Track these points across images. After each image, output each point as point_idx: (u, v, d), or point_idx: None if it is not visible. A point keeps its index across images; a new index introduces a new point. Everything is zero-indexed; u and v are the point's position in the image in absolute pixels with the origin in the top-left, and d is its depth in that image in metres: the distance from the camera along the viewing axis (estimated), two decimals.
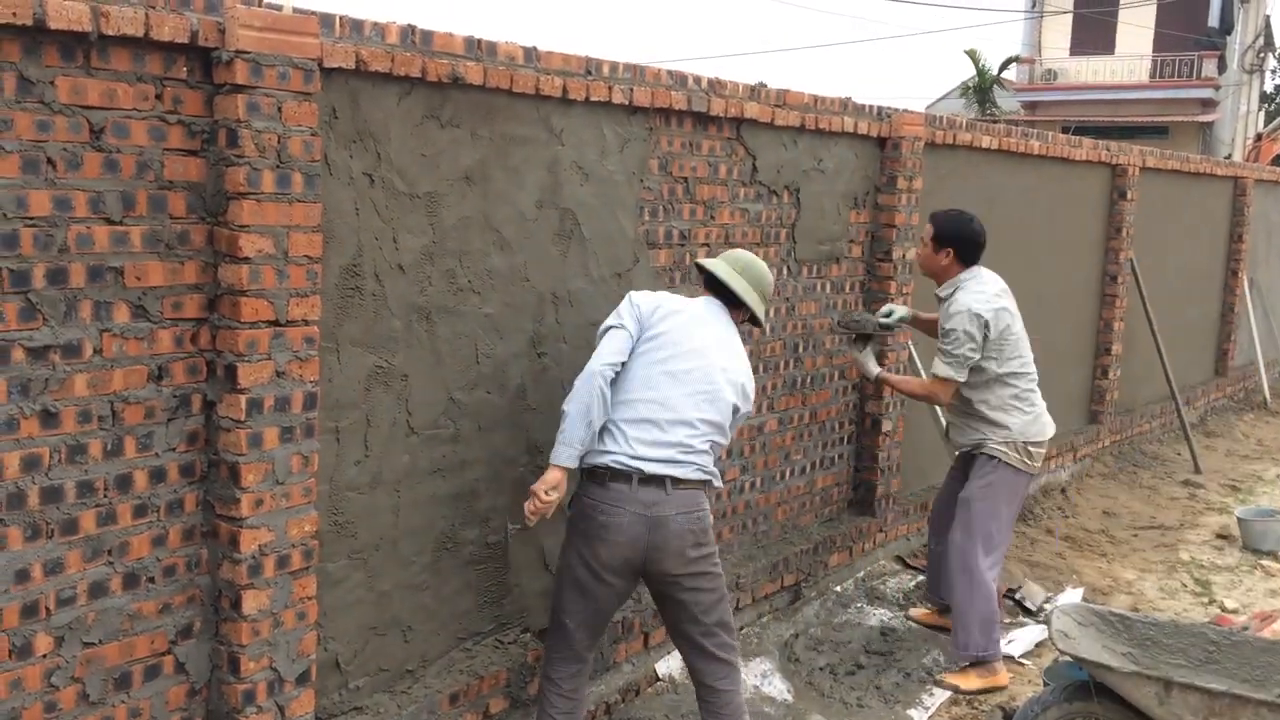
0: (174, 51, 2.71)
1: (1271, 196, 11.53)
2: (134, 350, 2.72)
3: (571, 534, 3.58)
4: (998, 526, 4.79)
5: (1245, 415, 10.53)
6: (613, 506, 3.44)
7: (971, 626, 4.69)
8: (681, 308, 3.64)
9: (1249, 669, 3.58)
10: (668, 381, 3.51)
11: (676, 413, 3.49)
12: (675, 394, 3.51)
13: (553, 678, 3.61)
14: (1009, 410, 4.78)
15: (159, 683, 2.88)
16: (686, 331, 3.58)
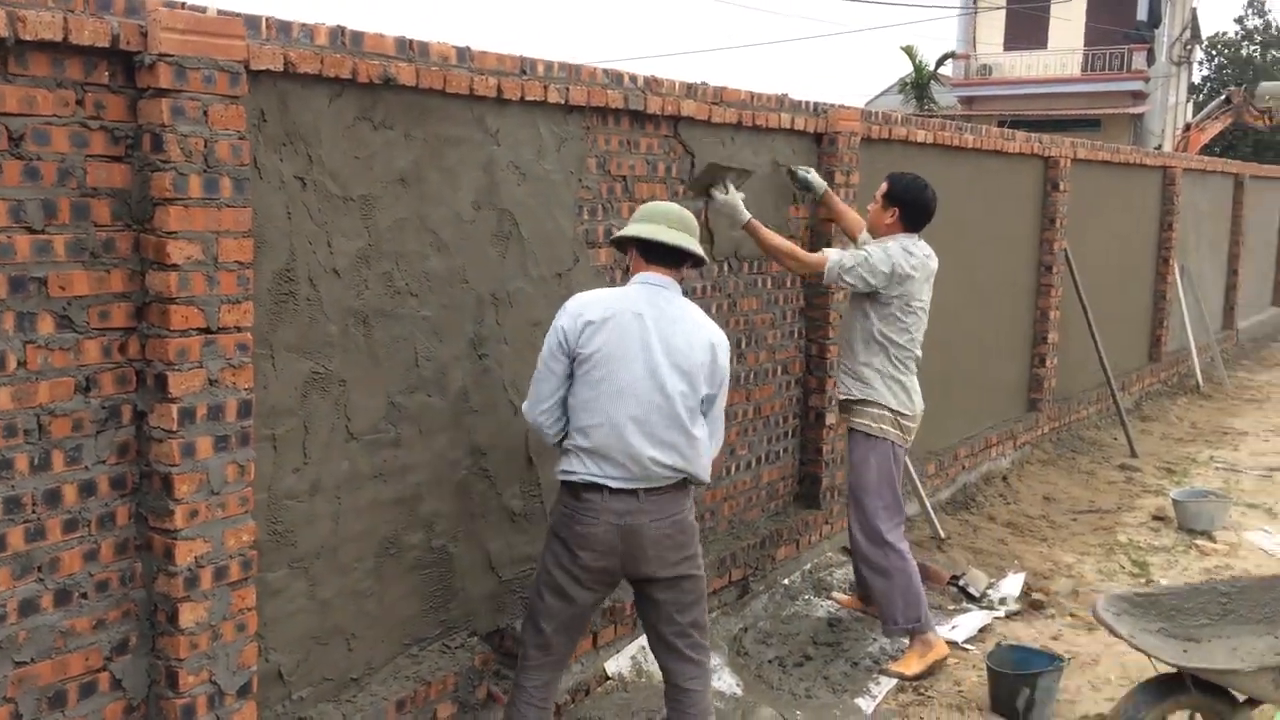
0: (95, 56, 2.65)
1: (1200, 186, 11.81)
2: (60, 362, 2.66)
3: (551, 541, 3.53)
4: (889, 497, 4.84)
5: (1179, 399, 10.77)
6: (587, 516, 3.41)
7: (895, 603, 4.77)
8: (610, 312, 3.41)
9: (1260, 609, 3.74)
10: (613, 402, 3.38)
11: (630, 432, 3.37)
12: (622, 414, 3.37)
13: (526, 686, 3.55)
14: (882, 381, 4.79)
15: (95, 700, 2.82)
16: (619, 343, 3.39)
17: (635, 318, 3.44)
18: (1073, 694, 4.57)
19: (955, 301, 7.08)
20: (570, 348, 3.41)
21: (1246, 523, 6.93)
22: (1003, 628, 5.22)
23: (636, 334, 3.42)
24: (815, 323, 5.59)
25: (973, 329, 7.35)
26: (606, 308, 3.44)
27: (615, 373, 3.39)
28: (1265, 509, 7.28)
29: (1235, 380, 12.00)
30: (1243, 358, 13.46)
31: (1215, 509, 6.76)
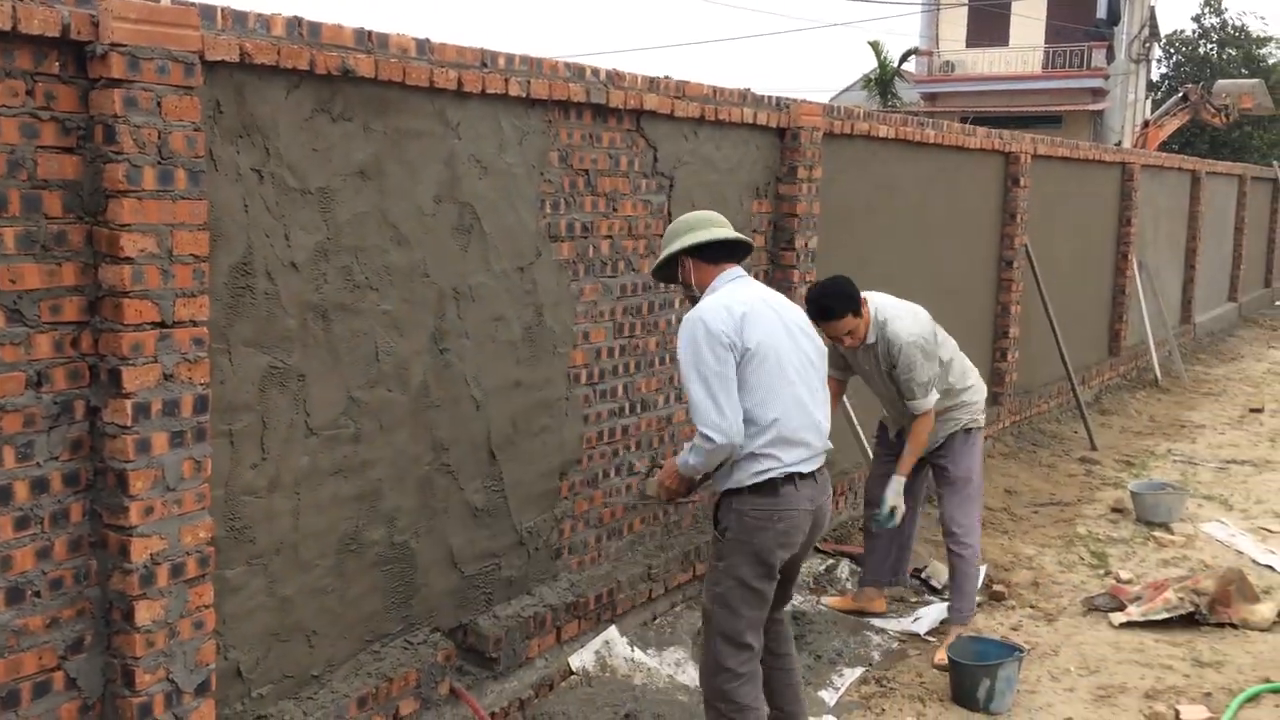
0: (45, 46, 2.61)
1: (1158, 182, 11.97)
2: (10, 356, 2.61)
3: (740, 552, 3.42)
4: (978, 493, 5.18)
5: (1138, 393, 10.91)
6: (788, 510, 3.42)
7: (971, 593, 5.05)
8: (745, 305, 3.41)
9: None
10: (786, 388, 3.41)
11: (804, 411, 3.46)
12: (792, 397, 3.41)
13: (750, 705, 3.46)
14: (967, 385, 5.02)
15: (49, 700, 2.78)
16: (769, 330, 3.41)
17: (762, 303, 3.48)
18: (1032, 684, 4.62)
19: (917, 296, 7.12)
20: (739, 345, 3.36)
21: (1203, 514, 7.03)
22: None
23: (772, 318, 3.47)
24: None
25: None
26: (739, 302, 3.43)
27: (780, 358, 3.42)
28: (1221, 501, 7.39)
29: (1193, 374, 12.17)
30: (1200, 352, 13.65)
31: (1173, 501, 6.85)
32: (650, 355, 4.81)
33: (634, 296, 4.67)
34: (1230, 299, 16.13)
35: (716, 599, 3.48)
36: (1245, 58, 35.26)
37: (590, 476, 4.55)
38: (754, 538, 3.41)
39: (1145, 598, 5.35)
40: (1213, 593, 5.26)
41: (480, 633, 4.00)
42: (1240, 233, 15.94)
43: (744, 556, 3.43)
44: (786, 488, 3.42)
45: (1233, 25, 36.40)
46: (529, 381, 4.18)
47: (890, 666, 4.73)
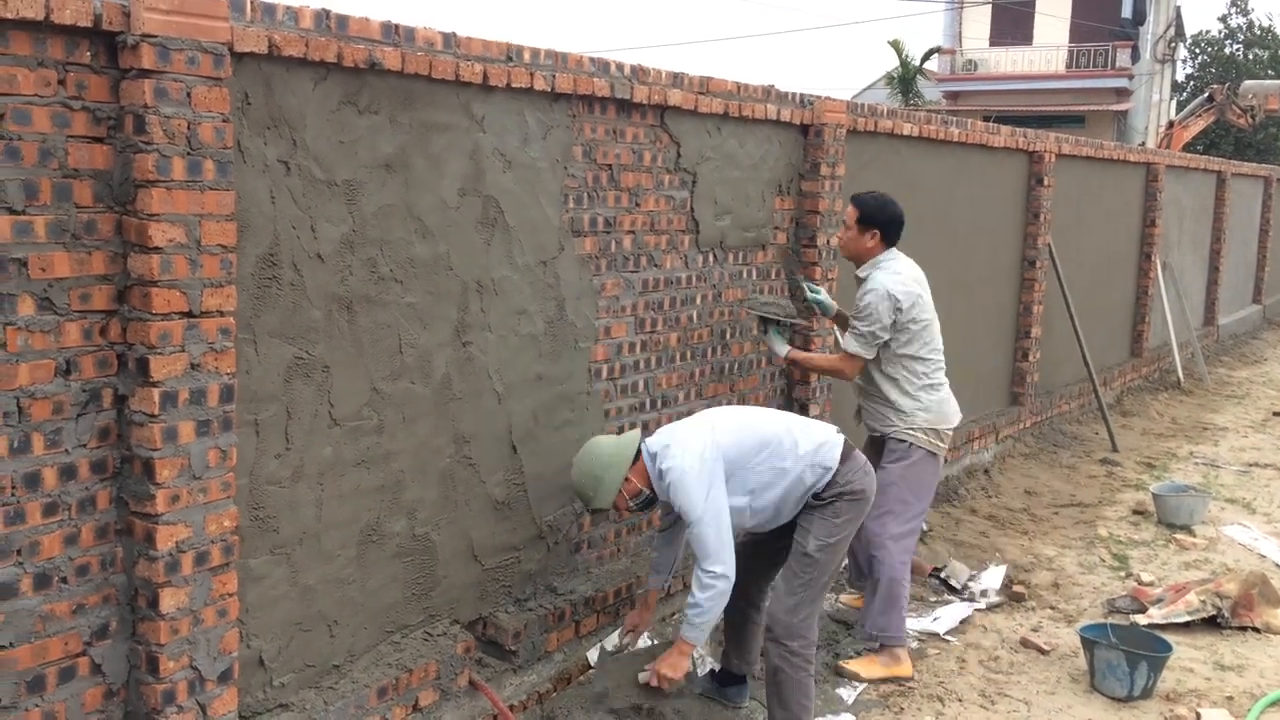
0: (77, 35, 2.63)
1: (1182, 182, 11.88)
2: (40, 344, 2.64)
3: (857, 508, 3.92)
4: (906, 510, 4.77)
5: (1160, 395, 10.84)
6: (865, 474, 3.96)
7: (873, 609, 4.70)
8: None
9: None
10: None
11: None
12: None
13: (813, 638, 3.95)
14: (915, 396, 4.79)
15: (74, 685, 2.80)
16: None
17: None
18: (1051, 685, 4.60)
19: (939, 295, 7.09)
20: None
21: (1225, 517, 6.99)
22: (983, 619, 5.25)
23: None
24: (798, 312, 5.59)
25: (956, 322, 7.36)
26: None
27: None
28: (1244, 504, 7.33)
29: (1216, 376, 12.08)
30: (1223, 354, 13.55)
31: (1195, 504, 6.81)
32: (671, 351, 4.81)
33: (655, 292, 4.67)
34: (1255, 301, 15.99)
35: (832, 549, 3.88)
36: (1272, 58, 34.95)
37: None
38: (867, 495, 3.95)
39: (1167, 600, 5.32)
40: (1235, 596, 5.22)
41: (500, 625, 4.01)
42: (1265, 234, 15.80)
43: (858, 513, 3.94)
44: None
45: (1260, 26, 36.09)
46: (550, 375, 4.19)
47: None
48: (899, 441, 4.83)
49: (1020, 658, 4.85)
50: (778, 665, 3.85)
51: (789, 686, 3.83)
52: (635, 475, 3.82)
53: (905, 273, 4.82)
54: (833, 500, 3.85)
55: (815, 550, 3.84)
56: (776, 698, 3.87)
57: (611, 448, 3.84)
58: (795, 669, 3.82)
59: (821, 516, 3.85)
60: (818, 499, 3.86)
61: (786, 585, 3.89)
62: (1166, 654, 4.51)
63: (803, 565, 3.86)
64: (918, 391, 4.81)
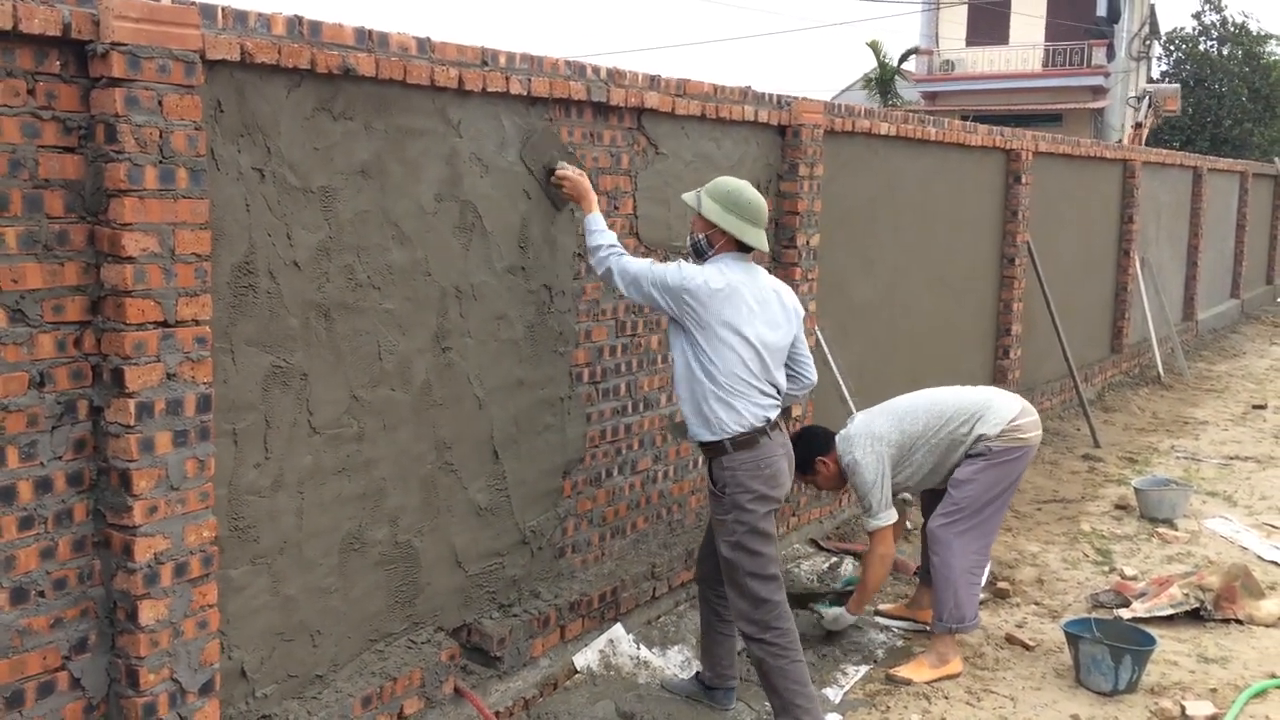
0: (46, 45, 2.61)
1: (1159, 178, 11.96)
2: (13, 356, 2.61)
3: (742, 502, 3.78)
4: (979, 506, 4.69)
5: (1140, 390, 10.90)
6: (772, 456, 3.83)
7: (947, 599, 4.64)
8: (726, 282, 3.78)
9: None
10: (738, 361, 3.81)
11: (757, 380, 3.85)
12: (744, 369, 3.81)
13: (786, 626, 3.83)
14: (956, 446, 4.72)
15: (54, 700, 2.77)
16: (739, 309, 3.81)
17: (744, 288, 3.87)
18: (1037, 681, 4.62)
19: (920, 294, 7.13)
20: (701, 309, 3.79)
21: (1207, 510, 7.02)
22: None
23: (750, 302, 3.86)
24: None
25: (937, 321, 7.40)
26: (723, 279, 3.83)
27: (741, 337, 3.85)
28: (1225, 497, 7.38)
29: (1195, 371, 12.16)
30: (1203, 348, 13.64)
31: (1176, 497, 6.84)
32: (653, 354, 4.80)
33: None
34: (1232, 296, 16.11)
35: (736, 546, 3.81)
36: (1246, 55, 35.22)
37: (593, 475, 4.55)
38: (748, 486, 3.80)
39: (1150, 594, 5.34)
40: (1218, 589, 5.25)
41: (484, 632, 3.99)
42: (1242, 229, 15.92)
43: (746, 504, 3.80)
44: (761, 442, 3.81)
45: (1233, 22, 36.36)
46: (531, 380, 4.18)
47: (895, 663, 4.72)
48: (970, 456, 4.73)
49: (1005, 654, 4.86)
50: (759, 657, 3.88)
51: (776, 676, 3.85)
52: (704, 225, 3.90)
53: (863, 439, 4.68)
54: (720, 495, 3.84)
55: (727, 552, 3.84)
56: (767, 687, 3.91)
57: (751, 202, 3.89)
58: (776, 657, 3.84)
59: (717, 515, 3.88)
60: (712, 494, 3.88)
61: (731, 591, 3.90)
62: (1150, 647, 4.53)
63: (727, 569, 3.87)
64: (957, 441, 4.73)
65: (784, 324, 3.93)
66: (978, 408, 4.78)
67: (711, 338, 3.76)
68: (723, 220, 3.84)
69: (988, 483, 4.71)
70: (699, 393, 3.80)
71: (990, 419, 4.73)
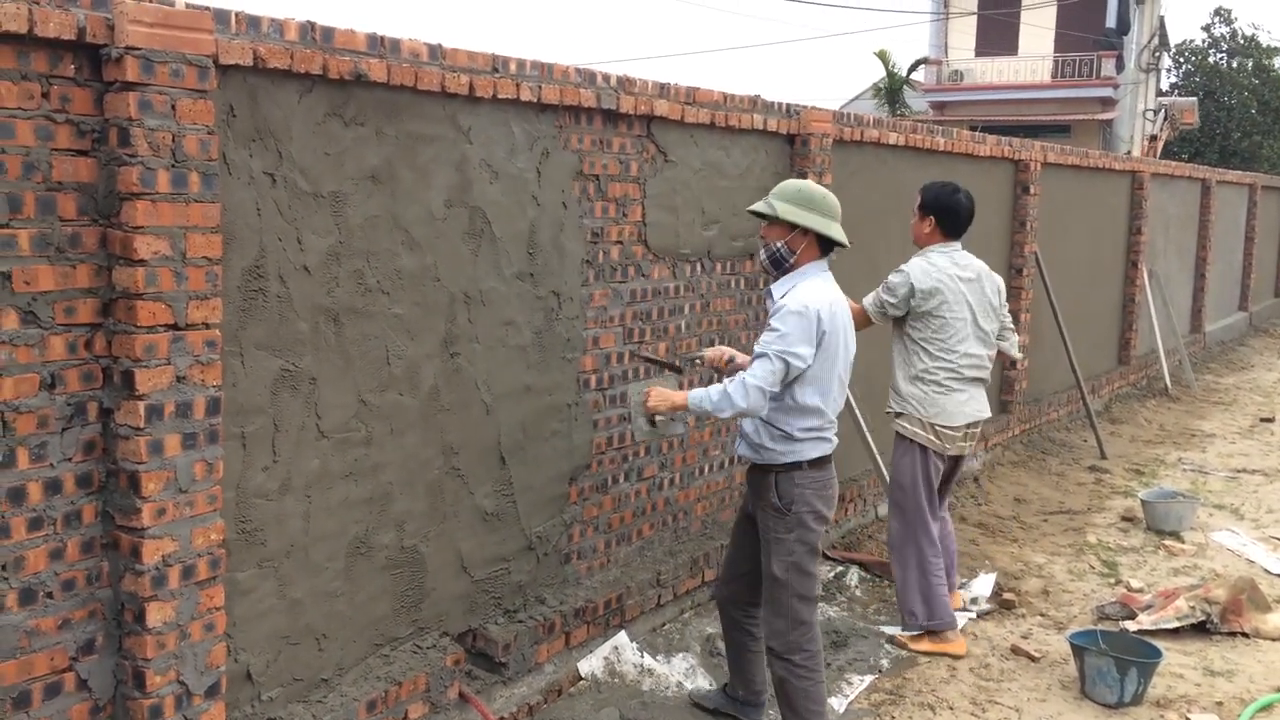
0: (60, 49, 2.63)
1: (1168, 190, 11.94)
2: (24, 358, 2.63)
3: (808, 521, 3.77)
4: (909, 502, 5.01)
5: (1148, 402, 10.88)
6: (831, 480, 3.86)
7: (912, 599, 4.98)
8: (828, 302, 3.70)
9: None
10: (835, 382, 3.80)
11: (836, 408, 3.86)
12: (837, 391, 3.81)
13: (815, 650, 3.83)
14: (910, 382, 4.99)
15: (60, 701, 2.78)
16: (837, 326, 3.73)
17: (835, 303, 3.78)
18: (1042, 693, 4.61)
19: None
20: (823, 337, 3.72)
21: (1214, 523, 7.01)
22: (974, 627, 5.25)
23: (841, 318, 3.79)
24: None
25: None
26: (826, 298, 3.74)
27: (838, 357, 3.80)
28: (1232, 509, 7.36)
29: (1203, 383, 12.13)
30: (1210, 361, 13.61)
31: (1183, 510, 6.83)
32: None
33: (643, 302, 4.67)
34: (1241, 308, 16.07)
35: (792, 567, 3.79)
36: (1255, 67, 35.18)
37: (600, 482, 4.55)
38: (815, 506, 3.79)
39: (1156, 606, 5.33)
40: (1224, 601, 5.23)
41: (489, 637, 4.00)
42: (1251, 242, 15.89)
43: (808, 532, 3.79)
44: (830, 464, 3.84)
45: (1242, 35, 36.33)
46: (539, 386, 4.18)
47: (900, 674, 4.72)
48: (898, 437, 5.06)
49: (1011, 665, 4.86)
50: (783, 677, 3.85)
51: (796, 696, 3.83)
52: (780, 232, 3.76)
53: (941, 267, 4.96)
54: (785, 513, 3.76)
55: (780, 572, 3.79)
56: (786, 706, 3.89)
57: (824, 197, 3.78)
58: (800, 679, 3.82)
59: (777, 533, 3.79)
60: (777, 510, 3.78)
61: (770, 609, 3.87)
62: (1156, 660, 4.52)
63: (774, 587, 3.82)
64: (913, 379, 4.99)
65: (853, 347, 3.90)
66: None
67: (821, 363, 3.68)
68: (805, 219, 3.68)
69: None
70: (781, 419, 3.74)
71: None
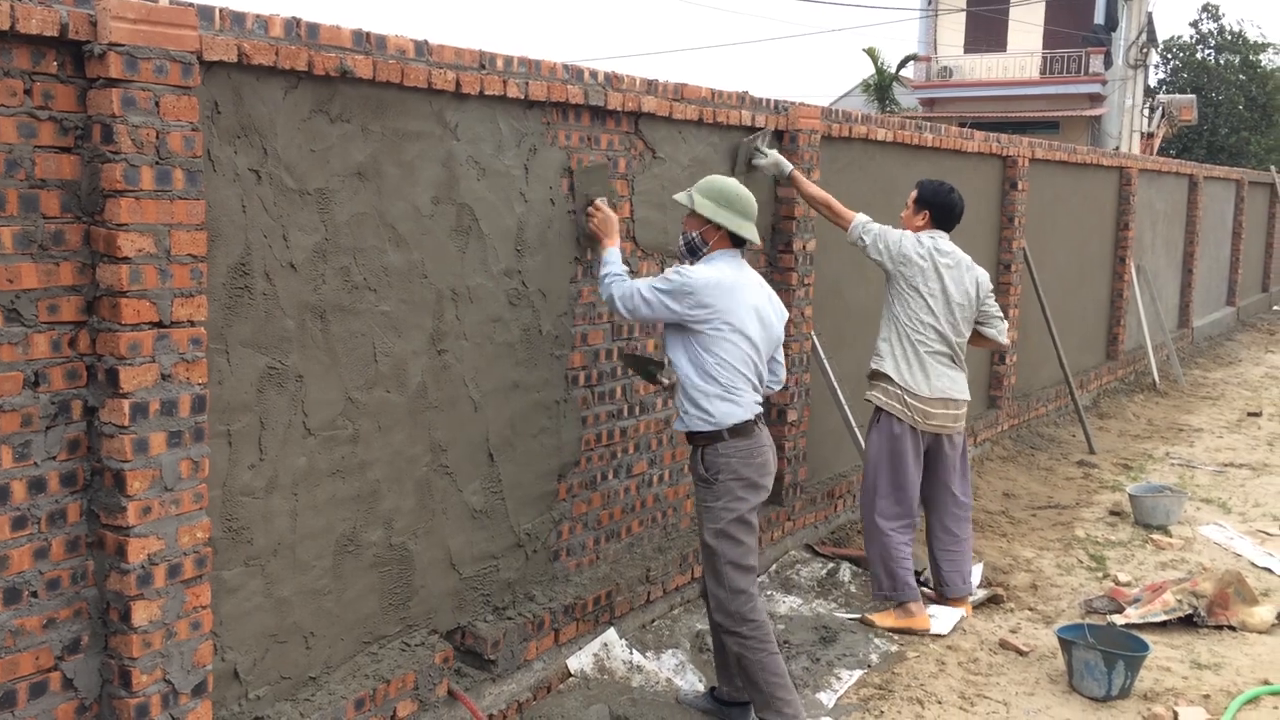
0: (43, 45, 2.61)
1: (1155, 186, 11.98)
2: (7, 356, 2.61)
3: (735, 490, 3.88)
4: (882, 477, 5.20)
5: (1136, 397, 10.92)
6: (762, 446, 3.96)
7: (876, 569, 5.19)
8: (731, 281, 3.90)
9: None
10: (740, 357, 3.93)
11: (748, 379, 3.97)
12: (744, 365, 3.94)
13: (760, 619, 3.91)
14: (886, 344, 5.19)
15: (46, 700, 2.77)
16: (738, 305, 3.90)
17: (743, 287, 3.97)
18: (1030, 686, 4.62)
19: None
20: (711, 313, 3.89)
21: (1201, 517, 7.03)
22: (962, 622, 5.26)
23: (746, 302, 3.95)
24: None
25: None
26: (728, 280, 3.93)
27: (744, 333, 3.95)
28: (1219, 503, 7.39)
29: (1191, 378, 12.18)
30: (1198, 356, 13.66)
31: (1171, 504, 6.85)
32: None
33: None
34: (1228, 303, 16.14)
35: (720, 534, 3.90)
36: (1243, 63, 35.32)
37: (589, 478, 4.55)
38: (750, 482, 3.92)
39: (1144, 600, 5.35)
40: (1211, 595, 5.26)
41: (478, 634, 3.99)
42: (1238, 237, 15.96)
43: (739, 499, 3.90)
44: (754, 431, 3.94)
45: (1230, 31, 36.47)
46: (527, 383, 4.18)
47: (889, 669, 4.73)
48: (874, 409, 5.25)
49: (999, 659, 4.87)
50: (737, 653, 3.94)
51: (754, 668, 3.91)
52: (697, 223, 3.99)
53: (925, 245, 5.17)
54: (713, 481, 3.90)
55: (710, 539, 3.92)
56: (748, 682, 3.97)
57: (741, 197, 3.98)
58: (753, 650, 3.90)
59: (705, 502, 3.94)
60: (703, 480, 3.92)
61: (709, 581, 4.00)
62: (1144, 653, 4.54)
63: (708, 556, 3.96)
64: (885, 339, 5.22)
65: (775, 323, 4.04)
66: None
67: (715, 334, 3.85)
68: (716, 215, 3.94)
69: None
70: (699, 388, 3.87)
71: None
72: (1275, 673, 4.76)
